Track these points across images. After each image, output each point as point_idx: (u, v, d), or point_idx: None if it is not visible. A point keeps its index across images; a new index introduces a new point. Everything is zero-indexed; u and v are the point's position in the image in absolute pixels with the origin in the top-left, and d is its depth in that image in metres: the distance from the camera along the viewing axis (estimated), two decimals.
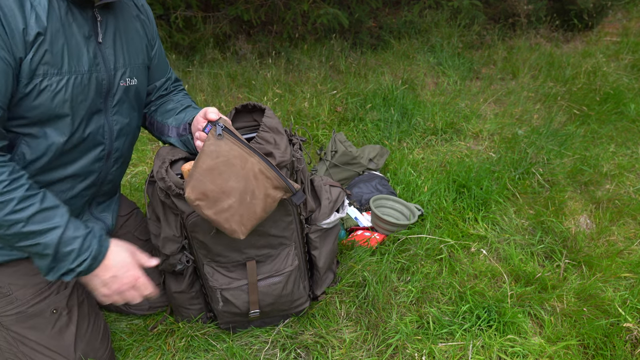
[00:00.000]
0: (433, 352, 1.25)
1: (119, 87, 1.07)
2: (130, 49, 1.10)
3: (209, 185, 0.98)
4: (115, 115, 1.09)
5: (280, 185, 1.03)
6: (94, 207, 1.20)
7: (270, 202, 1.04)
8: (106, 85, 1.03)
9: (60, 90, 0.93)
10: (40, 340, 1.09)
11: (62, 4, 0.93)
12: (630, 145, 2.36)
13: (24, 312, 1.07)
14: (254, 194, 1.00)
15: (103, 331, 1.21)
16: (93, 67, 0.99)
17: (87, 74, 0.98)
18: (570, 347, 1.28)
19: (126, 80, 1.08)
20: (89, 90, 0.99)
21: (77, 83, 0.96)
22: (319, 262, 1.32)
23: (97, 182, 1.13)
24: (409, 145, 2.40)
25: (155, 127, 1.28)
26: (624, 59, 3.42)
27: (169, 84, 1.32)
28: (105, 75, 1.03)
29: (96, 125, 1.04)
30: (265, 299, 1.22)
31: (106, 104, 1.06)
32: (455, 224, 1.77)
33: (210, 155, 0.98)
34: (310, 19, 3.41)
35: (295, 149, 1.18)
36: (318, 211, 1.28)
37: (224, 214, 0.99)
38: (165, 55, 1.30)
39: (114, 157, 1.13)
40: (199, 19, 3.44)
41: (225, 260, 1.17)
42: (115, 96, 1.07)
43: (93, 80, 1.00)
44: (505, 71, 3.35)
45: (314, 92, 2.86)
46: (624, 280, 1.50)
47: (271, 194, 1.03)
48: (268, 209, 1.04)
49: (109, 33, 1.03)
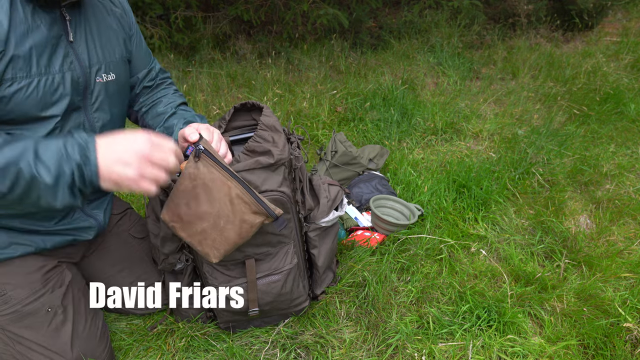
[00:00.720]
0: (433, 352, 1.25)
1: (96, 84, 1.06)
2: (105, 44, 1.09)
3: (183, 208, 0.99)
4: (97, 112, 1.08)
5: (259, 210, 1.00)
6: (85, 205, 1.18)
7: (247, 228, 1.01)
8: (83, 83, 1.03)
9: (32, 93, 0.92)
10: (36, 339, 1.09)
11: (26, 7, 0.91)
12: (630, 145, 2.36)
13: (19, 311, 1.07)
14: (229, 219, 0.99)
15: (101, 330, 1.21)
16: (65, 66, 0.98)
17: (58, 74, 0.97)
18: (570, 347, 1.28)
19: (102, 76, 1.08)
20: (64, 89, 0.98)
21: (49, 84, 0.95)
22: (318, 260, 1.32)
23: None
24: (409, 145, 2.40)
25: (148, 129, 1.27)
26: (624, 59, 3.42)
27: (153, 74, 1.31)
28: (81, 73, 1.02)
29: (75, 123, 1.03)
30: (265, 298, 1.22)
31: (85, 101, 1.05)
32: (455, 224, 1.77)
33: (189, 178, 0.98)
34: (310, 19, 3.41)
35: (294, 147, 1.18)
36: (317, 209, 1.28)
37: (197, 237, 1.01)
38: (146, 46, 1.29)
39: None
40: (198, 19, 3.44)
41: (224, 259, 1.17)
42: (94, 93, 1.06)
43: (67, 79, 0.99)
44: (505, 71, 3.35)
45: (314, 92, 2.86)
46: (624, 280, 1.50)
47: (248, 220, 1.00)
48: (244, 235, 1.02)
49: (79, 31, 1.02)
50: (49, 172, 0.80)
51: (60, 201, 0.83)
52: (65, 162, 0.81)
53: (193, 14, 3.41)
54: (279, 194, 1.12)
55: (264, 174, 1.09)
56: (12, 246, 1.06)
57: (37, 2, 0.93)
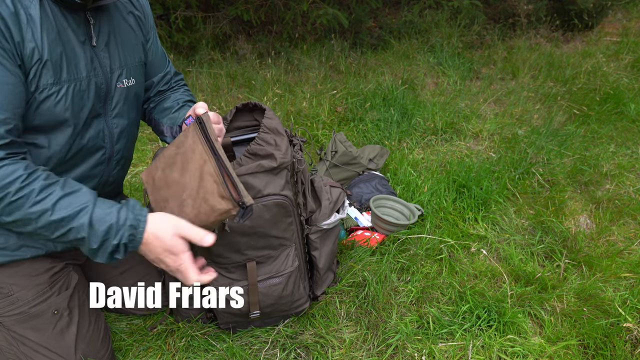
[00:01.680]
0: (433, 352, 1.25)
1: (116, 90, 1.05)
2: (126, 49, 1.08)
3: (158, 172, 0.97)
4: (115, 119, 1.08)
5: (225, 195, 0.88)
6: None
7: (207, 210, 0.90)
8: (104, 89, 1.02)
9: (61, 99, 0.92)
10: (40, 341, 1.09)
11: (54, 7, 0.91)
12: (630, 145, 2.36)
13: (25, 312, 1.07)
14: (191, 194, 0.91)
15: (104, 332, 1.21)
16: (91, 72, 0.98)
17: (85, 80, 0.97)
18: (570, 347, 1.28)
19: (123, 81, 1.07)
20: (88, 96, 0.98)
21: (77, 90, 0.95)
22: (319, 262, 1.32)
23: (99, 185, 1.12)
24: (409, 145, 2.40)
25: (154, 124, 1.27)
26: (624, 59, 3.42)
27: (168, 78, 1.30)
28: (103, 79, 1.02)
29: (96, 130, 1.03)
30: (266, 300, 1.22)
31: (105, 107, 1.05)
32: (455, 224, 1.77)
33: (175, 145, 0.96)
34: (310, 19, 3.41)
35: (296, 149, 1.18)
36: (318, 212, 1.28)
37: (159, 204, 0.97)
38: (162, 49, 1.27)
39: (115, 160, 1.13)
40: (198, 19, 3.44)
41: (225, 261, 1.17)
42: (114, 99, 1.06)
43: (92, 85, 0.99)
44: (505, 71, 3.35)
45: (314, 92, 2.86)
46: (624, 280, 1.50)
47: (210, 201, 0.89)
48: (202, 217, 0.91)
49: (102, 35, 1.02)
50: (97, 240, 0.87)
51: (99, 259, 0.90)
52: (114, 236, 0.88)
53: (193, 14, 3.41)
54: (282, 197, 1.11)
55: (267, 178, 1.08)
56: (23, 248, 1.05)
57: (63, 4, 0.92)
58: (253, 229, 1.12)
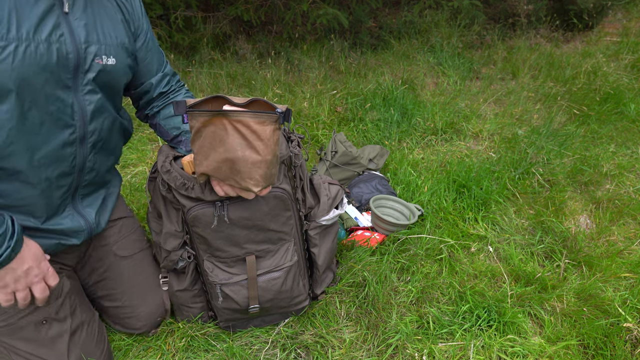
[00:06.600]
0: (433, 352, 1.25)
1: (92, 65, 0.99)
2: (105, 27, 1.03)
3: (208, 163, 0.99)
4: (88, 95, 1.00)
5: (262, 119, 0.94)
6: (78, 200, 1.11)
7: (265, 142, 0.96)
8: (73, 59, 0.95)
9: (6, 59, 0.84)
10: (32, 350, 1.07)
11: None
12: (630, 145, 2.36)
13: (13, 324, 1.05)
14: (246, 145, 0.97)
15: (98, 334, 1.20)
16: (53, 37, 0.91)
17: (44, 43, 0.89)
18: (570, 347, 1.28)
19: (102, 57, 1.01)
20: (47, 62, 0.90)
21: (30, 52, 0.87)
22: (319, 260, 1.32)
23: (73, 170, 1.04)
24: (409, 145, 2.40)
25: (159, 130, 1.25)
26: (624, 59, 3.42)
27: (168, 79, 1.26)
28: (72, 49, 0.94)
29: (61, 104, 0.96)
30: (265, 295, 1.22)
31: (76, 80, 0.97)
32: (455, 224, 1.77)
33: (194, 139, 0.98)
34: (310, 19, 3.41)
35: (293, 145, 1.19)
36: (317, 208, 1.28)
37: (236, 177, 1.00)
38: (160, 50, 1.24)
39: (90, 142, 1.04)
40: (198, 19, 3.44)
41: (225, 255, 1.17)
42: (88, 73, 0.99)
43: (53, 51, 0.91)
44: (505, 71, 3.35)
45: (314, 92, 2.86)
46: (624, 280, 1.50)
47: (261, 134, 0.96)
48: (267, 151, 0.97)
49: (78, 5, 0.96)
50: None
51: None
52: None
53: (193, 14, 3.41)
54: (280, 190, 1.13)
55: None
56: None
57: None
58: (252, 222, 1.13)
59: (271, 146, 0.98)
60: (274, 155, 0.99)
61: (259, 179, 0.99)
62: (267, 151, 0.97)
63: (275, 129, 0.97)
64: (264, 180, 1.00)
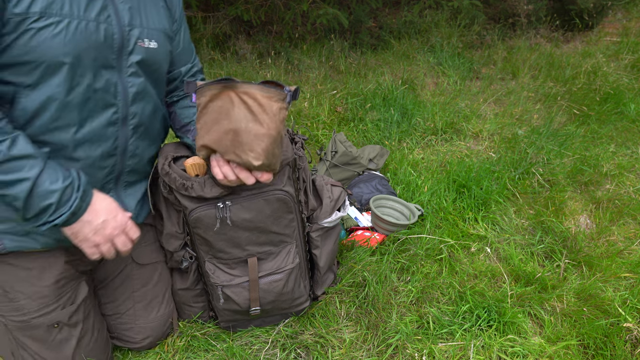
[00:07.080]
0: (433, 352, 1.25)
1: (136, 47, 1.01)
2: (149, 12, 1.05)
3: (212, 135, 0.98)
4: (131, 77, 1.02)
5: (269, 94, 0.95)
6: (121, 188, 1.11)
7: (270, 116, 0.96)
8: (118, 40, 0.97)
9: (60, 33, 0.87)
10: (38, 350, 1.09)
11: None
12: (630, 145, 2.36)
13: (27, 322, 1.06)
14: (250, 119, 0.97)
15: (105, 341, 1.21)
16: (102, 17, 0.94)
17: (93, 22, 0.92)
18: (570, 347, 1.28)
19: (144, 41, 1.03)
20: (96, 40, 0.93)
21: (81, 29, 0.90)
22: (320, 261, 1.32)
23: (116, 152, 1.04)
24: (409, 145, 2.40)
25: (171, 118, 1.25)
26: (624, 59, 3.42)
27: (195, 70, 1.27)
28: (117, 30, 0.96)
29: (106, 83, 0.97)
30: (266, 297, 1.22)
31: (120, 61, 0.99)
32: (455, 224, 1.77)
33: (199, 116, 0.98)
34: (310, 19, 3.41)
35: (298, 147, 1.19)
36: (319, 210, 1.28)
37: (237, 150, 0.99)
38: (192, 44, 1.26)
39: (131, 124, 1.05)
40: (198, 18, 3.44)
41: (226, 257, 1.17)
42: (132, 55, 1.00)
43: (101, 30, 0.93)
44: (505, 71, 3.35)
45: (314, 92, 2.86)
46: (624, 280, 1.50)
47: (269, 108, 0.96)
48: (272, 126, 0.96)
49: None
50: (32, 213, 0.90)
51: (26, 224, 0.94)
52: (50, 215, 0.91)
53: (193, 14, 3.41)
54: (283, 193, 1.12)
55: None
56: (31, 235, 1.00)
57: None
58: (254, 224, 1.13)
59: (277, 122, 0.97)
60: (278, 132, 0.98)
61: (260, 152, 0.96)
62: (272, 125, 0.96)
63: (282, 107, 0.97)
64: (265, 155, 0.97)
